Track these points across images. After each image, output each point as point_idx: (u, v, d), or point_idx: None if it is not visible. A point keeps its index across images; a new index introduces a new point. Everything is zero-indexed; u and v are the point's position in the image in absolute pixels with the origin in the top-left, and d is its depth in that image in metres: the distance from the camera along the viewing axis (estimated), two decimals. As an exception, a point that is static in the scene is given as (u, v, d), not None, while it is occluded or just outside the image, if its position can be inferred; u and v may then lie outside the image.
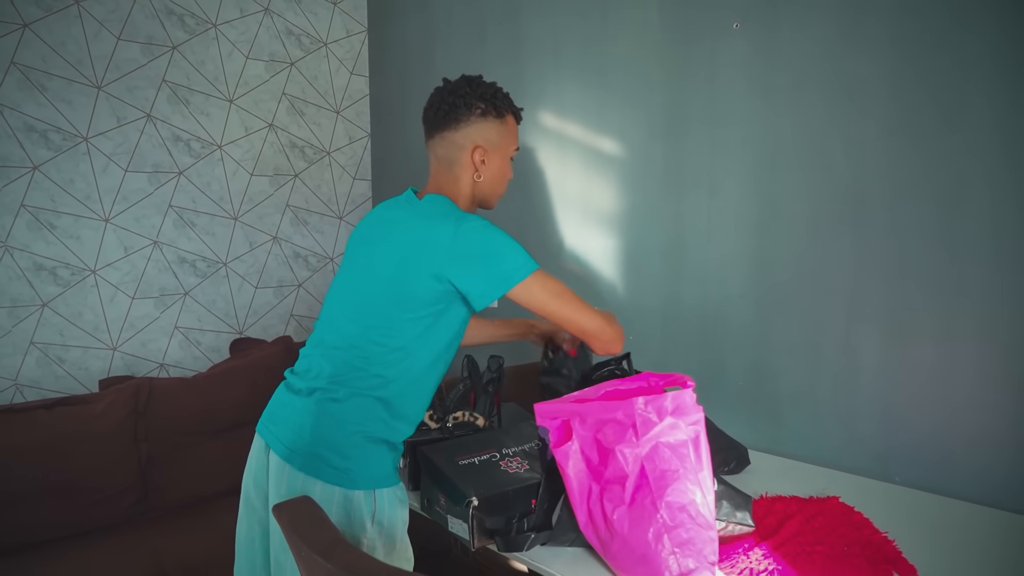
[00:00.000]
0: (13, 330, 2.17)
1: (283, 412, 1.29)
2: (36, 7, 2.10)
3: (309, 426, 1.22)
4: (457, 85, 1.33)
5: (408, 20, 2.70)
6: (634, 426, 0.98)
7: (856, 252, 1.55)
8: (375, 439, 1.21)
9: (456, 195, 1.34)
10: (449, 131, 1.32)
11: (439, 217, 1.23)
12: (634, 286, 2.01)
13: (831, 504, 1.36)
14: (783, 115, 1.65)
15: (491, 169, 1.35)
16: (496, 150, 1.35)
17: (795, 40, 1.62)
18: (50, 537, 1.96)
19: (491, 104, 1.33)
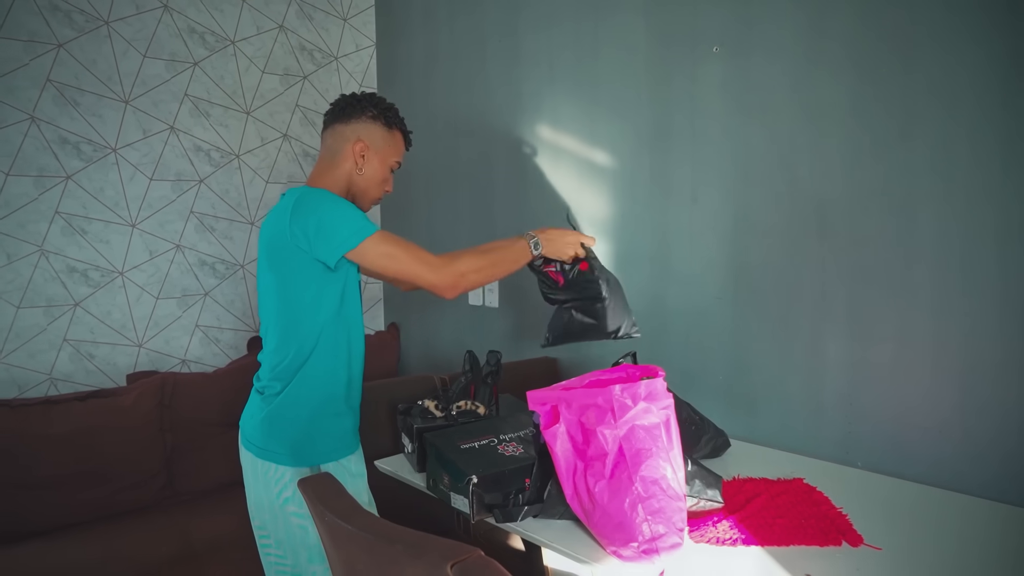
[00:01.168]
0: (48, 328, 2.34)
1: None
2: (69, 28, 2.27)
3: (248, 413, 1.48)
4: (364, 94, 1.54)
5: (414, 37, 2.86)
6: (612, 410, 1.13)
7: (821, 258, 1.70)
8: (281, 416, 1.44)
9: (333, 186, 1.50)
10: (340, 124, 1.51)
11: (289, 195, 1.40)
12: (624, 287, 2.16)
13: (795, 485, 1.51)
14: (755, 132, 1.81)
15: (369, 167, 1.51)
16: (377, 152, 1.52)
17: (765, 64, 1.77)
18: (84, 519, 2.12)
19: (382, 113, 1.52)
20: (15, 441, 2.07)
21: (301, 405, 1.43)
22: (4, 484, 2.02)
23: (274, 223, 1.39)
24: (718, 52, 1.86)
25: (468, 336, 2.72)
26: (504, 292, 2.56)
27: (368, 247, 1.36)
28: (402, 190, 3.00)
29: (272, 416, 1.43)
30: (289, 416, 1.42)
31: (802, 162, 1.73)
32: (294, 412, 1.43)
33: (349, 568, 1.13)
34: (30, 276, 2.30)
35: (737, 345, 1.89)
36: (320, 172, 1.51)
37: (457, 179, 2.71)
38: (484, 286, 2.59)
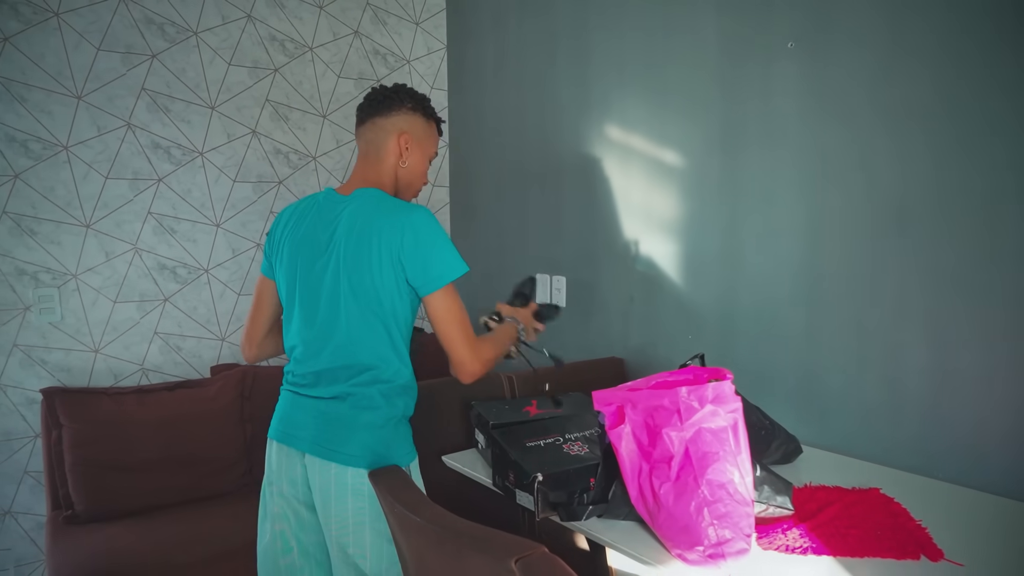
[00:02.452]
0: (141, 321, 2.49)
1: (304, 416, 1.45)
2: (15, 20, 2.24)
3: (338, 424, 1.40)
4: (395, 85, 1.53)
5: (484, 39, 2.90)
6: (678, 412, 1.13)
7: (901, 260, 1.64)
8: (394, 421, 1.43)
9: (381, 182, 1.48)
10: (380, 117, 1.48)
11: (390, 208, 1.38)
12: (693, 289, 2.14)
13: (871, 494, 1.46)
14: (832, 131, 1.75)
15: (413, 159, 1.50)
16: (418, 144, 1.51)
17: (844, 60, 1.72)
18: (172, 502, 2.26)
19: (420, 104, 1.52)
20: (112, 427, 2.21)
21: (398, 409, 1.43)
22: (103, 467, 2.17)
23: (378, 229, 1.35)
24: (793, 48, 1.82)
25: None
26: (572, 290, 2.57)
27: (446, 291, 1.38)
28: (470, 193, 3.05)
29: (374, 424, 1.40)
30: (394, 422, 1.43)
31: (882, 161, 1.67)
32: (394, 418, 1.43)
33: (418, 558, 1.17)
34: (125, 272, 2.45)
35: (810, 349, 1.84)
36: (367, 168, 1.49)
37: (526, 181, 2.73)
38: (554, 287, 2.61)
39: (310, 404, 1.44)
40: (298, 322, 1.46)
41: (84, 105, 2.36)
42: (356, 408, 1.39)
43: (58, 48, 2.31)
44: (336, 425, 1.39)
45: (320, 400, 1.43)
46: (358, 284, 1.36)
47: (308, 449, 1.41)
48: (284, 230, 1.51)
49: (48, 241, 2.32)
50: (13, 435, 2.30)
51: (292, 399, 1.49)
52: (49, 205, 2.32)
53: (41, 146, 2.30)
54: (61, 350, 2.36)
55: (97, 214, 2.39)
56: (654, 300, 2.27)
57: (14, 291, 2.27)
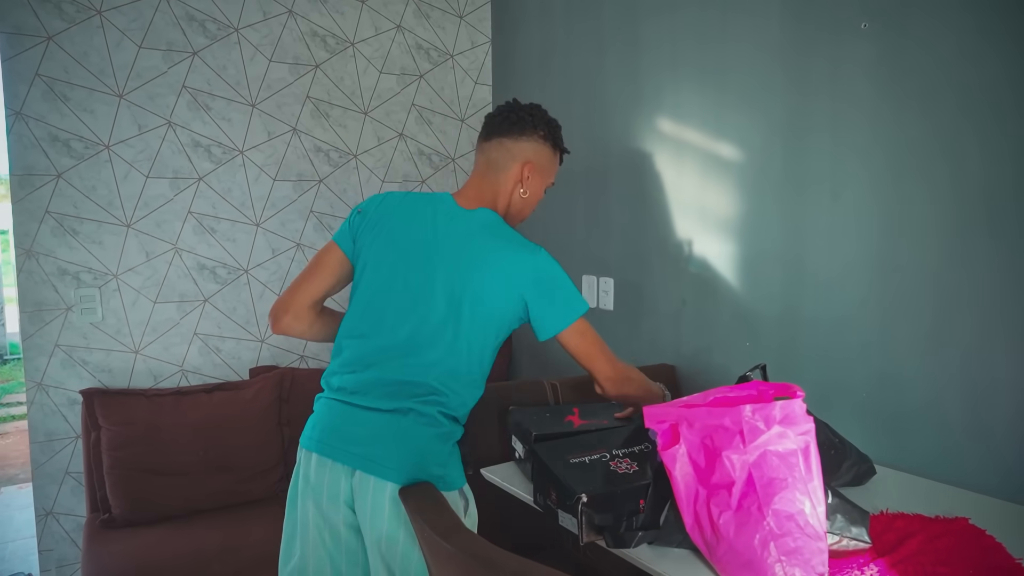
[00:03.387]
0: (181, 322, 2.46)
1: (356, 429, 1.33)
2: (59, 19, 2.23)
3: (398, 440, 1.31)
4: (531, 106, 1.47)
5: (529, 30, 2.80)
6: (741, 433, 1.00)
7: (992, 259, 1.47)
8: (453, 440, 1.36)
9: (495, 204, 1.44)
10: (509, 139, 1.42)
11: (515, 244, 1.36)
12: (751, 292, 1.99)
13: (959, 525, 1.30)
14: (911, 119, 1.59)
15: (532, 188, 1.46)
16: (541, 174, 1.46)
17: (925, 40, 1.55)
18: (208, 507, 2.22)
19: (551, 133, 1.47)
20: (149, 430, 2.19)
21: (456, 431, 1.39)
22: (140, 470, 2.14)
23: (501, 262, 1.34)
24: (867, 29, 1.65)
25: (581, 339, 2.62)
26: (620, 292, 2.44)
27: (586, 322, 1.40)
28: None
29: (437, 440, 1.33)
30: (452, 443, 1.38)
31: (970, 151, 1.49)
32: (453, 438, 1.38)
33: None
34: (165, 273, 2.43)
35: (884, 358, 1.67)
36: (485, 186, 1.44)
37: (572, 178, 2.61)
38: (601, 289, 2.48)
39: (364, 416, 1.32)
40: (373, 321, 1.37)
41: (125, 103, 2.34)
42: (419, 424, 1.31)
43: (100, 46, 2.29)
44: (396, 440, 1.29)
45: (378, 412, 1.31)
46: (479, 311, 1.34)
47: (359, 465, 1.29)
48: (389, 215, 1.42)
49: (89, 241, 2.31)
50: (55, 436, 2.29)
51: (338, 408, 1.36)
52: (91, 205, 2.31)
53: (83, 145, 2.29)
54: (102, 350, 2.35)
55: (138, 213, 2.37)
56: (708, 303, 2.12)
57: (56, 291, 2.27)
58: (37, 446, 2.27)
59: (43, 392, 2.27)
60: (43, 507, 2.30)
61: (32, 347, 2.26)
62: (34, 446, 2.27)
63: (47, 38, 2.21)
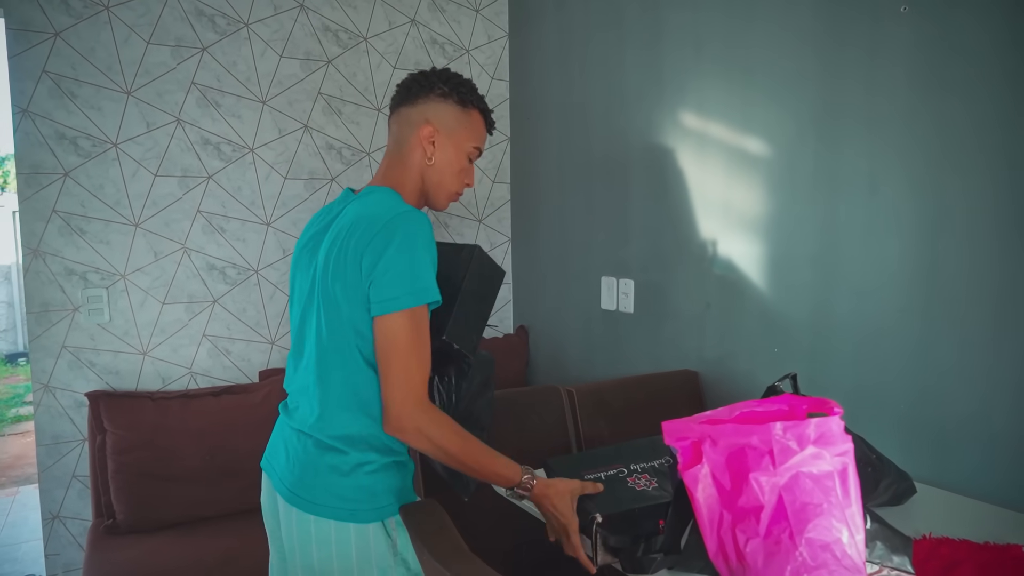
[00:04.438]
0: (189, 323, 2.41)
1: (278, 443, 1.28)
2: (66, 15, 2.16)
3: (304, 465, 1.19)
4: (429, 71, 1.29)
5: (547, 23, 2.70)
6: (771, 453, 0.90)
7: (1049, 263, 1.35)
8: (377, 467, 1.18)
9: (402, 183, 1.25)
10: (406, 107, 1.26)
11: (379, 209, 1.14)
12: (780, 296, 1.88)
13: (1012, 553, 1.19)
14: (957, 109, 1.47)
15: (442, 155, 1.25)
16: (450, 136, 1.25)
17: (972, 23, 1.43)
18: (214, 514, 2.16)
19: (454, 89, 1.25)
20: (155, 434, 2.13)
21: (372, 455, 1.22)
22: (144, 475, 2.09)
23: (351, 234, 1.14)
24: (906, 12, 1.54)
25: (599, 343, 2.52)
26: (640, 295, 2.34)
27: (413, 317, 1.09)
28: (532, 190, 2.85)
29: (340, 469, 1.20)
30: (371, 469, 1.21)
31: (1021, 143, 1.37)
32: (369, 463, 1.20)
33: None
34: (174, 273, 2.38)
35: (926, 367, 1.56)
36: (387, 167, 1.27)
37: (591, 176, 2.52)
38: (621, 291, 2.38)
39: (287, 432, 1.27)
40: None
41: (133, 100, 2.29)
42: (319, 447, 1.18)
43: (108, 42, 2.25)
44: (299, 464, 1.20)
45: (291, 430, 1.25)
46: (330, 302, 1.15)
47: (276, 486, 1.25)
48: (300, 238, 1.33)
49: (97, 240, 2.27)
50: (62, 438, 2.25)
51: (280, 421, 1.33)
52: (98, 203, 2.26)
53: (91, 143, 2.24)
54: (109, 352, 2.30)
55: (146, 213, 2.33)
56: (734, 307, 2.01)
57: (63, 291, 2.23)
58: (44, 449, 2.24)
59: (50, 394, 2.23)
60: (50, 511, 2.26)
61: (39, 348, 2.22)
62: (40, 449, 2.23)
63: (54, 34, 2.17)
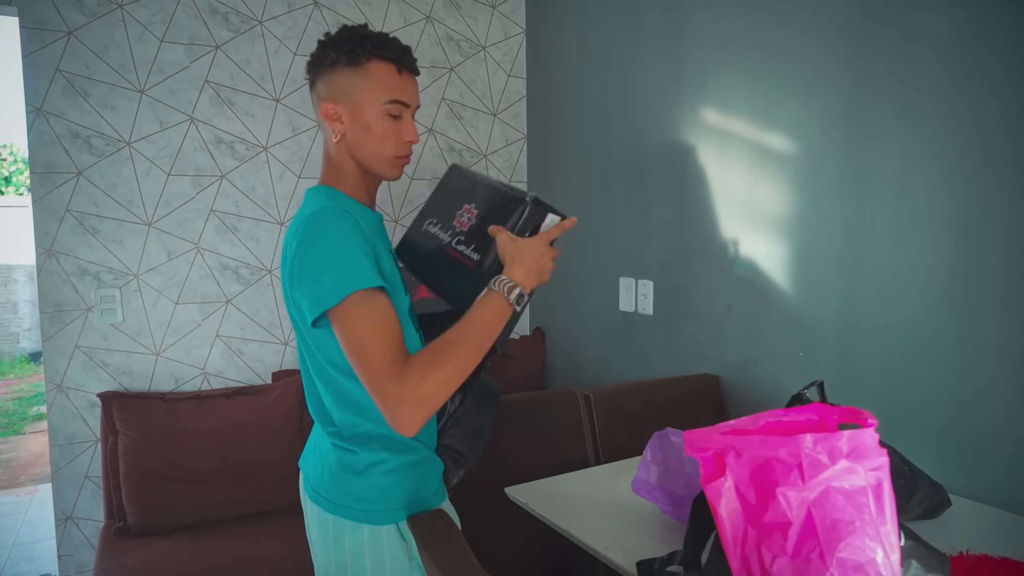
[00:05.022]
0: (202, 324, 2.39)
1: (310, 440, 1.26)
2: (80, 14, 2.15)
3: (323, 463, 1.17)
4: (322, 38, 1.13)
5: (565, 18, 2.65)
6: (800, 467, 0.84)
7: (1095, 264, 1.27)
8: (392, 467, 1.13)
9: (337, 171, 1.14)
10: (312, 92, 1.15)
11: (298, 215, 1.10)
12: (805, 298, 1.81)
13: (1055, 572, 1.12)
14: (996, 102, 1.39)
15: (354, 127, 1.10)
16: (355, 102, 1.09)
17: (1009, 11, 1.36)
18: (225, 516, 2.13)
19: (340, 51, 1.08)
20: (167, 435, 2.11)
21: (381, 455, 1.17)
22: (156, 477, 2.07)
23: (285, 245, 1.11)
24: (941, 1, 1.47)
25: (617, 345, 2.46)
26: (659, 297, 2.27)
27: (347, 308, 0.99)
28: (550, 188, 2.80)
29: (352, 468, 1.16)
30: (386, 469, 1.18)
31: (1066, 136, 1.30)
32: (381, 463, 1.16)
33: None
34: (187, 273, 2.36)
35: (961, 372, 1.48)
36: (323, 159, 1.18)
37: (610, 174, 2.46)
38: (640, 292, 2.32)
39: (317, 431, 1.25)
40: None
41: (147, 99, 2.27)
42: (334, 447, 1.15)
43: (121, 40, 2.23)
44: (320, 462, 1.19)
45: (317, 429, 1.24)
46: (295, 319, 1.12)
47: (304, 484, 1.24)
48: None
49: (110, 240, 2.25)
50: (75, 439, 2.24)
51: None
52: (111, 203, 2.25)
53: (104, 142, 2.23)
54: (122, 352, 2.29)
55: (159, 212, 2.31)
56: (757, 309, 1.95)
57: (76, 291, 2.22)
58: (57, 449, 2.22)
59: (63, 394, 2.22)
60: (63, 512, 2.25)
61: (52, 348, 2.21)
62: (54, 449, 2.22)
63: (68, 33, 2.16)
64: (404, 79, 1.11)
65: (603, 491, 1.52)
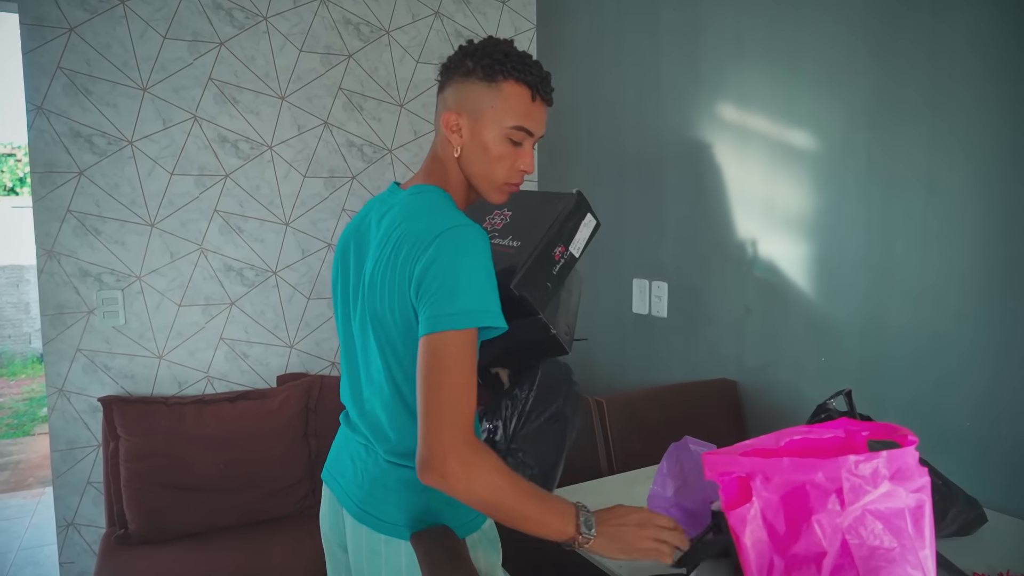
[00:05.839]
0: (206, 326, 2.34)
1: (343, 457, 1.17)
2: (82, 10, 2.10)
3: (373, 479, 1.08)
4: (464, 44, 1.09)
5: (577, 14, 2.58)
6: (839, 492, 0.77)
7: None
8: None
9: (445, 179, 1.09)
10: (439, 93, 1.10)
11: (430, 215, 1.01)
12: (828, 301, 1.74)
13: (1103, 597, 1.04)
14: (1036, 94, 1.32)
15: (472, 143, 1.06)
16: (477, 119, 1.04)
17: (1057, -2, 1.28)
18: (228, 524, 2.08)
19: (478, 63, 1.03)
20: (170, 441, 2.07)
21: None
22: (158, 483, 2.03)
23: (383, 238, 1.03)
24: (975, -11, 1.39)
25: (630, 349, 2.39)
26: (674, 299, 2.20)
27: (460, 340, 0.93)
28: (560, 184, 2.73)
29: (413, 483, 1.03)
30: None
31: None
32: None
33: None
34: (190, 274, 2.31)
35: (994, 380, 1.41)
36: (430, 160, 1.12)
37: (623, 172, 2.39)
38: (654, 294, 2.26)
39: (352, 445, 1.16)
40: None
41: (149, 97, 2.23)
42: (390, 463, 1.07)
43: (124, 37, 2.18)
44: (368, 478, 1.09)
45: (358, 443, 1.14)
46: (380, 322, 1.02)
47: (343, 502, 1.13)
48: (348, 227, 1.19)
49: (112, 241, 2.21)
50: (76, 444, 2.20)
51: (341, 432, 1.22)
52: (113, 203, 2.20)
53: (106, 141, 2.18)
54: (125, 356, 2.24)
55: (162, 212, 2.26)
56: (776, 312, 1.88)
57: (78, 293, 2.17)
58: (58, 454, 2.18)
59: (64, 398, 2.18)
60: (64, 518, 2.21)
61: (53, 351, 2.16)
62: (55, 454, 2.18)
63: (69, 29, 2.11)
64: (536, 107, 1.08)
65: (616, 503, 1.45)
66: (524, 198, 1.28)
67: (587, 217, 1.21)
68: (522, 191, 1.20)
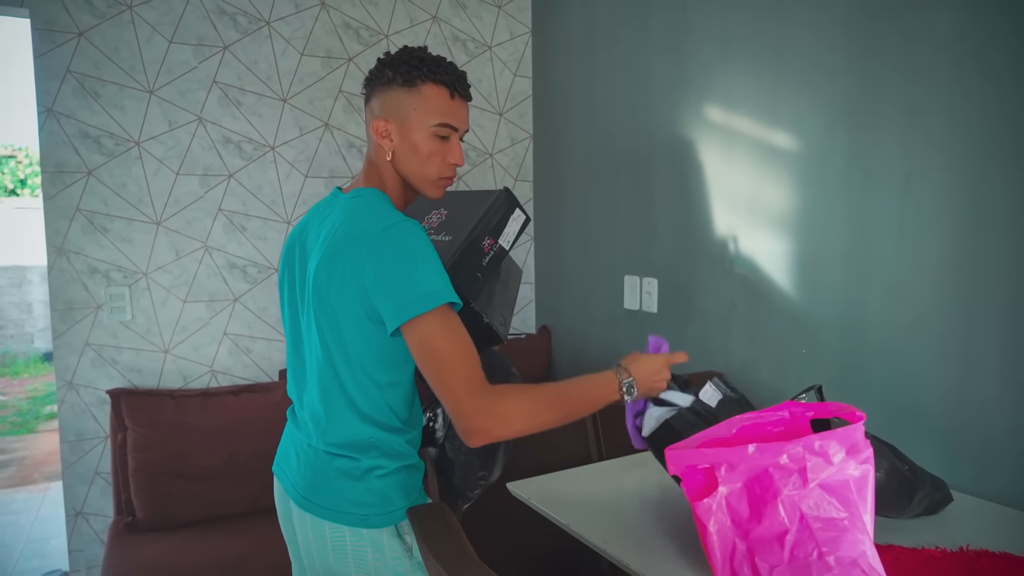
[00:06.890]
0: (210, 322, 2.41)
1: (288, 447, 1.27)
2: (90, 15, 2.18)
3: (315, 470, 1.17)
4: (382, 56, 1.17)
5: (571, 19, 2.66)
6: (802, 471, 0.84)
7: (1099, 261, 1.26)
8: (388, 471, 1.15)
9: (382, 181, 1.18)
10: (366, 106, 1.18)
11: (368, 221, 1.09)
12: (809, 295, 1.81)
13: (1057, 569, 1.11)
14: (1001, 98, 1.39)
15: (403, 146, 1.14)
16: (403, 123, 1.13)
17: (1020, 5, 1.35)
18: (233, 512, 2.15)
19: (397, 71, 1.12)
20: (175, 431, 2.14)
21: (378, 461, 1.20)
22: (165, 473, 2.09)
23: (346, 245, 1.09)
24: (944, -3, 1.46)
25: (622, 343, 2.46)
26: (664, 295, 2.28)
27: (438, 316, 1.02)
28: (555, 187, 2.81)
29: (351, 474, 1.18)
30: (382, 473, 1.20)
31: (1069, 133, 1.29)
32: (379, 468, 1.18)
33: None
34: (195, 271, 2.38)
35: (966, 370, 1.48)
36: (367, 164, 1.20)
37: (615, 170, 2.47)
38: (644, 290, 2.33)
39: (296, 438, 1.25)
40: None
41: (156, 99, 2.30)
42: (329, 454, 1.16)
43: (131, 41, 2.26)
44: (311, 468, 1.18)
45: (301, 436, 1.23)
46: (329, 318, 1.10)
47: (288, 492, 1.23)
48: (292, 233, 1.28)
49: (119, 239, 2.28)
50: (85, 435, 2.27)
51: (287, 426, 1.32)
52: (121, 202, 2.27)
53: (113, 142, 2.26)
54: (132, 350, 2.31)
55: (168, 211, 2.33)
56: (761, 306, 1.95)
57: (86, 289, 2.24)
58: (67, 446, 2.25)
59: (73, 391, 2.25)
60: (73, 507, 2.28)
61: (63, 346, 2.23)
62: (64, 446, 2.25)
63: (78, 34, 2.19)
64: (456, 104, 1.16)
65: (605, 487, 1.52)
66: (458, 198, 1.36)
67: (516, 212, 1.29)
68: (457, 191, 1.30)
